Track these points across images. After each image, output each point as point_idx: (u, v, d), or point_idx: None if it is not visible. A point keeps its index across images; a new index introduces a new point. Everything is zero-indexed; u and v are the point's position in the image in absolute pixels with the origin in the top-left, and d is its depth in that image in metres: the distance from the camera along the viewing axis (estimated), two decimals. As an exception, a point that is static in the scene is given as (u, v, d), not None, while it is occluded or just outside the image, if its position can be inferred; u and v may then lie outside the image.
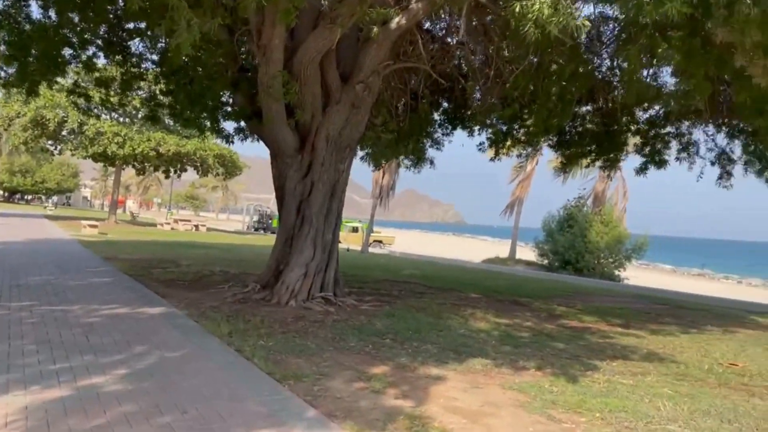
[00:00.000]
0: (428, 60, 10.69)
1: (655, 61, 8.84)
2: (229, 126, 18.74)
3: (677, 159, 12.59)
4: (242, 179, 77.96)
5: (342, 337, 7.00)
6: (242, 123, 12.14)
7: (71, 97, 13.18)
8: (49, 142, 37.37)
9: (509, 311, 10.67)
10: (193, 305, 8.51)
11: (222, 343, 6.23)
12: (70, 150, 37.20)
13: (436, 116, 14.65)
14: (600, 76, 12.14)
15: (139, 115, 38.34)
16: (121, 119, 37.38)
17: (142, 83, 14.63)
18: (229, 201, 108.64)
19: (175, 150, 36.00)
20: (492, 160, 16.60)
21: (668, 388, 5.71)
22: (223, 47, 9.79)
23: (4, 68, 13.06)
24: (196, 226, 39.22)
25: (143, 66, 13.72)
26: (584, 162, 16.83)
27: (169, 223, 39.38)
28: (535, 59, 10.16)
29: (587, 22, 5.48)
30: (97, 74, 13.24)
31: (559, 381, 5.69)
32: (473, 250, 47.51)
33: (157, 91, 14.33)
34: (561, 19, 5.12)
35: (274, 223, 57.98)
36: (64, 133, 36.17)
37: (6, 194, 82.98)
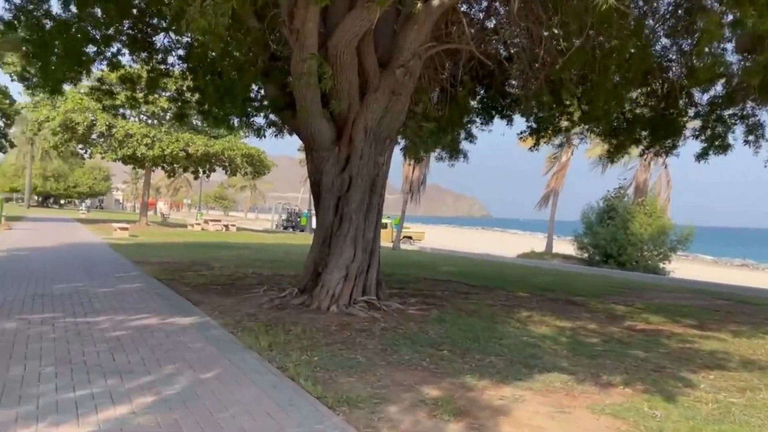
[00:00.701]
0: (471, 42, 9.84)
1: (731, 29, 7.91)
2: (259, 121, 18.08)
3: (746, 142, 11.49)
4: (270, 178, 77.91)
5: (394, 349, 6.24)
6: (274, 116, 11.46)
7: (95, 94, 12.66)
8: (79, 145, 37.44)
9: (567, 312, 9.79)
10: (228, 313, 7.86)
11: (262, 360, 5.52)
12: (100, 153, 37.19)
13: (473, 105, 13.84)
14: (656, 55, 11.17)
15: (168, 116, 38.25)
16: (150, 121, 37.27)
17: (168, 80, 14.07)
18: (258, 200, 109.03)
19: (203, 150, 35.72)
20: (531, 149, 15.71)
21: (787, 408, 4.82)
22: (251, 35, 9.11)
23: (28, 70, 12.62)
24: (226, 226, 38.94)
25: (169, 62, 13.21)
26: (633, 150, 15.80)
27: (199, 224, 39.19)
28: (592, 36, 9.27)
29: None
30: (122, 71, 12.74)
31: (657, 401, 4.84)
32: (506, 245, 46.36)
33: (185, 88, 13.81)
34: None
35: (303, 222, 57.56)
36: (93, 136, 36.20)
37: (40, 199, 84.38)
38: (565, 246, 34.14)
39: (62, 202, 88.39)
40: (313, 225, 45.86)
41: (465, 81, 12.10)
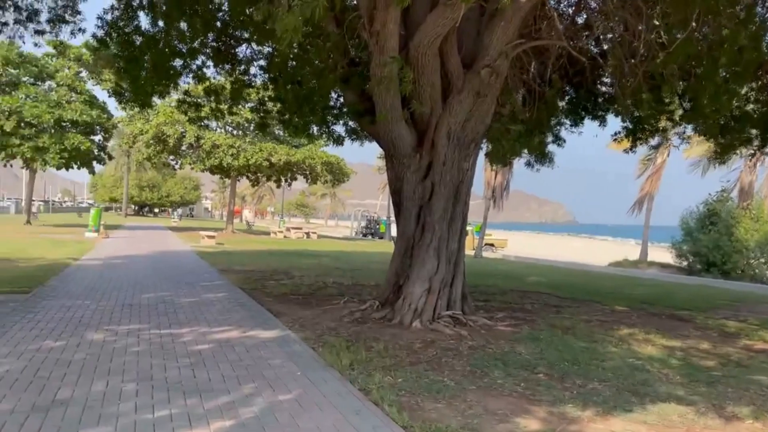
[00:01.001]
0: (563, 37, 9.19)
1: None
2: (339, 129, 18.00)
3: None
4: (349, 186, 78.72)
5: (484, 371, 5.75)
6: (354, 123, 11.26)
7: (182, 107, 13.00)
8: (170, 157, 39.24)
9: (673, 329, 8.89)
10: (309, 326, 7.64)
11: (343, 380, 5.20)
12: (189, 163, 38.78)
13: (561, 105, 13.10)
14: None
15: (251, 127, 39.40)
16: (235, 132, 38.52)
17: (250, 91, 14.25)
18: (337, 208, 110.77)
19: (285, 159, 36.46)
20: (627, 151, 14.72)
21: None
22: (330, 40, 8.92)
23: (120, 85, 13.10)
24: (308, 234, 39.53)
25: (251, 72, 13.38)
26: (742, 151, 14.45)
27: (281, 232, 40.02)
28: (698, 26, 8.40)
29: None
30: (206, 84, 13.01)
31: (804, 446, 4.10)
32: (595, 252, 44.27)
33: (266, 98, 13.95)
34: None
35: (381, 229, 57.68)
36: (183, 147, 37.83)
37: (136, 208, 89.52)
38: (661, 253, 32.06)
39: (156, 210, 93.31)
40: (393, 233, 45.77)
41: (554, 80, 11.41)
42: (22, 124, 32.29)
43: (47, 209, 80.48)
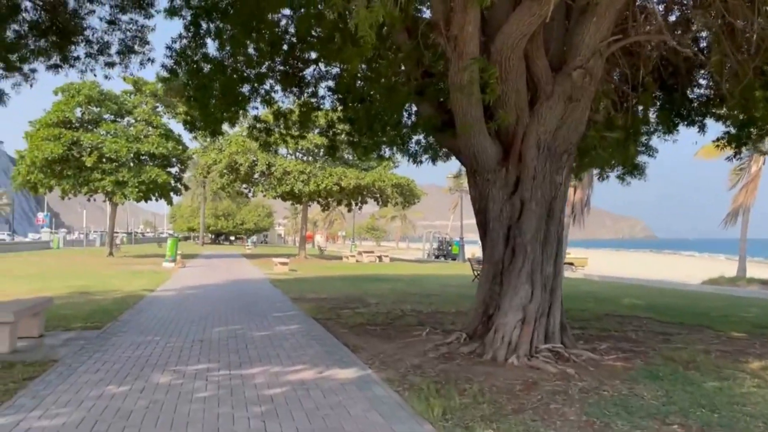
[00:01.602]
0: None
1: None
2: (412, 147, 17.23)
3: None
4: (419, 207, 78.08)
5: (603, 421, 4.78)
6: (431, 138, 10.54)
7: (252, 133, 12.73)
8: (243, 185, 39.99)
9: (816, 362, 7.53)
10: (390, 363, 6.88)
11: (437, 436, 4.39)
12: (261, 191, 39.36)
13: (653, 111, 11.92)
14: None
15: (321, 152, 39.60)
16: (305, 158, 38.79)
17: (319, 114, 13.88)
18: (408, 230, 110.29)
19: (355, 183, 36.30)
20: (731, 159, 13.33)
21: None
22: (402, 50, 8.29)
23: (191, 114, 12.99)
24: (380, 257, 38.99)
25: (319, 95, 13.04)
26: None
27: (353, 256, 39.70)
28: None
29: None
30: (275, 107, 12.72)
31: None
32: (684, 269, 41.37)
33: (335, 119, 13.54)
34: None
35: (454, 250, 56.44)
36: (255, 176, 38.46)
37: (213, 236, 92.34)
38: (761, 269, 29.35)
39: (232, 238, 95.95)
40: (467, 255, 44.52)
41: (647, 83, 10.30)
42: (103, 159, 33.71)
43: (130, 240, 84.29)
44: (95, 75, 11.74)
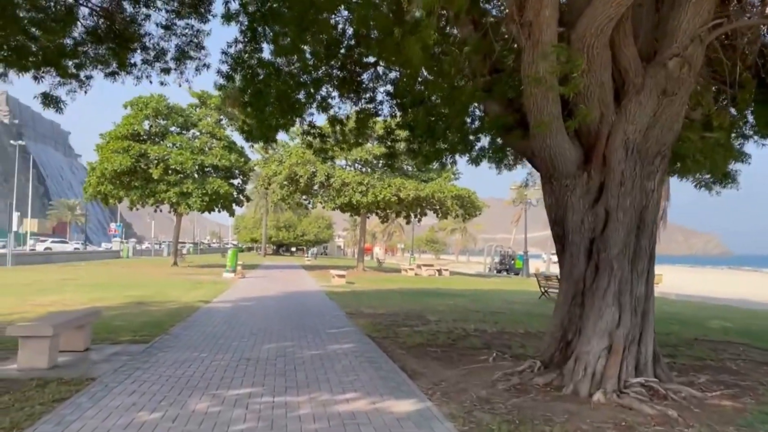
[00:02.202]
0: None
1: None
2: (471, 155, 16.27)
3: None
4: (479, 220, 76.51)
5: (728, 487, 3.79)
6: (499, 140, 9.65)
7: (306, 138, 12.21)
8: (303, 197, 40.00)
9: None
10: (453, 394, 6.03)
11: (515, 500, 3.52)
12: (320, 202, 39.25)
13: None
14: None
15: (379, 164, 39.14)
16: (363, 169, 38.43)
17: (376, 120, 13.26)
18: (468, 243, 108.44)
19: (414, 194, 35.56)
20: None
21: None
22: (468, 44, 7.49)
23: (247, 122, 12.62)
24: (439, 271, 37.97)
25: (377, 100, 12.46)
26: None
27: (412, 269, 38.85)
28: None
29: None
30: (331, 113, 12.19)
31: None
32: (770, 288, 38.26)
33: (393, 125, 12.90)
34: None
35: (517, 264, 54.64)
36: (315, 187, 38.39)
37: (274, 247, 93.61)
38: None
39: (293, 249, 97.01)
40: (531, 269, 42.83)
41: (744, 79, 9.08)
42: (169, 171, 34.39)
43: (196, 250, 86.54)
44: (151, 82, 11.50)
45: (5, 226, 53.09)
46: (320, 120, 13.75)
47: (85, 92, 10.85)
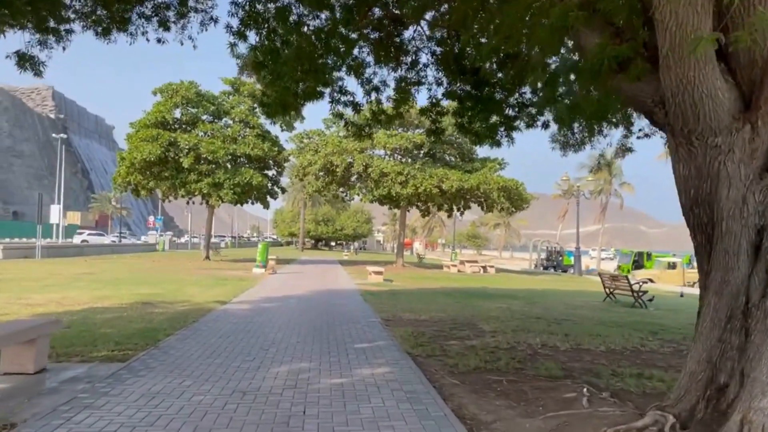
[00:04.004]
0: None
1: None
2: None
3: None
4: (523, 215, 73.28)
5: None
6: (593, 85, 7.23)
7: (335, 107, 10.04)
8: (340, 189, 38.00)
9: None
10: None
11: None
12: (358, 194, 37.23)
13: None
14: None
15: (420, 153, 36.79)
16: (403, 159, 36.16)
17: (419, 87, 11.03)
18: (512, 238, 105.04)
19: (457, 185, 33.09)
20: None
21: None
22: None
23: (265, 93, 10.54)
24: (484, 268, 35.48)
25: (420, 62, 10.32)
26: None
27: (455, 265, 36.45)
28: None
29: None
30: (363, 75, 10.06)
31: None
32: None
33: (440, 95, 10.69)
34: None
35: (565, 261, 51.54)
36: (352, 178, 36.35)
37: (313, 242, 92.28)
38: None
39: (332, 244, 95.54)
40: (583, 266, 39.78)
41: None
42: (200, 161, 32.87)
43: (234, 244, 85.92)
44: (148, 39, 9.51)
45: (47, 219, 52.86)
46: (351, 85, 11.52)
47: (64, 49, 8.94)
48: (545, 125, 10.05)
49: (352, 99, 10.19)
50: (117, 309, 11.57)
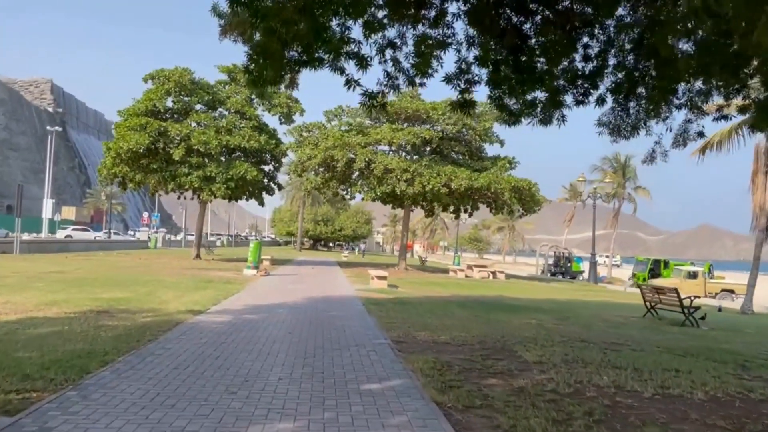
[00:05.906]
0: None
1: None
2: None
3: None
4: (530, 218, 70.89)
5: None
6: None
7: (347, 88, 7.65)
8: (341, 186, 35.65)
9: None
10: None
11: None
12: (359, 191, 34.86)
13: None
14: None
15: (427, 150, 34.44)
16: (408, 156, 33.76)
17: (446, 50, 8.66)
18: (515, 242, 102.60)
19: (466, 184, 30.72)
20: None
21: None
22: None
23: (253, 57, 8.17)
24: (494, 273, 33.11)
25: (446, 20, 7.93)
26: None
27: (462, 270, 34.07)
28: None
29: None
30: (375, 28, 7.66)
31: None
32: None
33: (471, 59, 8.33)
34: None
35: (574, 267, 49.19)
36: (354, 175, 34.02)
37: (311, 242, 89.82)
38: None
39: (330, 245, 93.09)
40: (601, 273, 37.45)
41: None
42: (192, 153, 30.48)
43: (230, 243, 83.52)
44: None
45: (41, 213, 50.50)
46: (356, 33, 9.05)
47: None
48: (600, 100, 7.83)
49: (356, 50, 7.72)
50: (60, 320, 9.23)
